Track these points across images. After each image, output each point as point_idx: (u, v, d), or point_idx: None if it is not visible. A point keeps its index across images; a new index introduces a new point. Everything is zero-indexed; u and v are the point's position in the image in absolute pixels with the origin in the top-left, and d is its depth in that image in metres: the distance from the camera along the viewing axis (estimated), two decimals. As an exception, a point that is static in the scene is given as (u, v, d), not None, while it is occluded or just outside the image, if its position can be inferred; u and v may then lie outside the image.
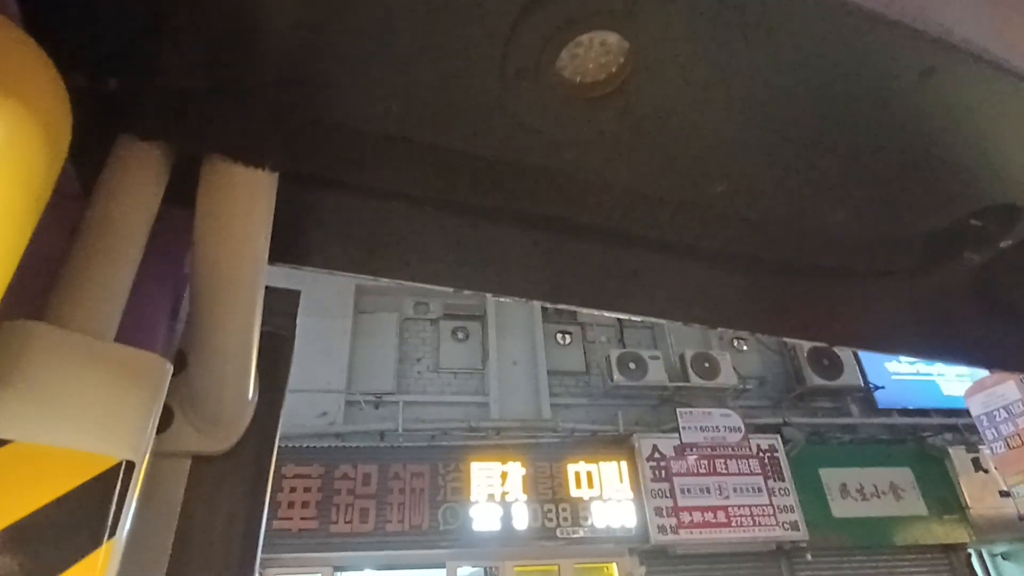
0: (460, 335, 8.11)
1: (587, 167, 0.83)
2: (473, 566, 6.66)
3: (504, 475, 6.69)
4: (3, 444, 0.49)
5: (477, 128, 0.77)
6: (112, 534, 0.53)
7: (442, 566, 6.45)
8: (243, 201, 0.73)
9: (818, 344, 7.70)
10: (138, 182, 0.69)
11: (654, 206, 0.89)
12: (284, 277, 1.17)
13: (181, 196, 0.83)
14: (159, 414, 0.66)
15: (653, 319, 1.21)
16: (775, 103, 0.76)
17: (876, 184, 0.90)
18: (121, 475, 0.55)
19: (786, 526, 6.85)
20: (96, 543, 0.52)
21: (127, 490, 0.56)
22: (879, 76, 0.72)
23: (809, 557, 7.00)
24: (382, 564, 6.68)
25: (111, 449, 0.56)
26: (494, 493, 6.58)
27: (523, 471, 6.74)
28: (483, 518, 6.42)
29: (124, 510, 0.55)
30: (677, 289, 1.12)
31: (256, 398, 0.93)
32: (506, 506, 6.51)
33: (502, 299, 1.15)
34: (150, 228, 0.71)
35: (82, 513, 0.52)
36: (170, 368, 0.67)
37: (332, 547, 6.15)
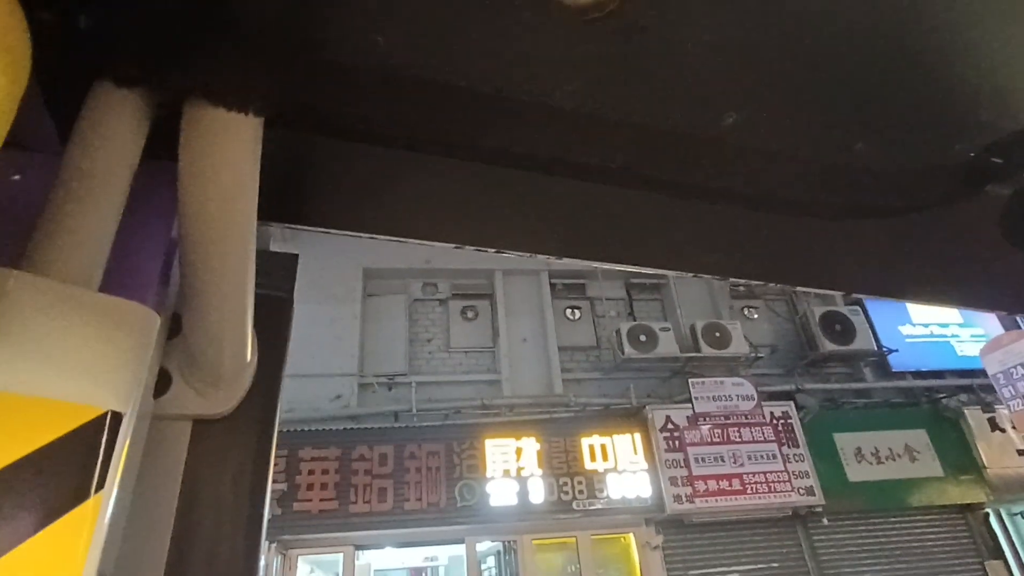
0: (469, 314, 8.10)
1: (590, 100, 0.78)
2: (492, 540, 6.74)
3: (519, 451, 6.74)
4: (-23, 394, 0.47)
5: (470, 59, 0.73)
6: (100, 487, 0.51)
7: (461, 542, 6.54)
8: (226, 148, 0.69)
9: (837, 293, 7.61)
10: (114, 130, 0.66)
11: (662, 142, 0.84)
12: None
13: (167, 152, 0.80)
14: (149, 366, 0.64)
15: (661, 271, 1.17)
16: (786, 19, 0.71)
17: (896, 108, 0.85)
18: (107, 426, 0.53)
19: (801, 491, 6.87)
20: (82, 496, 0.50)
21: (115, 442, 0.53)
22: None
23: (825, 521, 7.02)
24: (402, 541, 6.79)
25: (95, 399, 0.53)
26: (509, 469, 6.63)
27: (537, 446, 6.78)
28: (500, 493, 6.48)
29: (113, 463, 0.53)
30: (687, 236, 1.07)
31: (255, 360, 0.92)
32: (522, 481, 6.56)
33: (508, 255, 1.12)
34: (130, 179, 0.68)
35: (65, 465, 0.50)
36: (158, 319, 0.65)
37: (352, 527, 6.24)
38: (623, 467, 6.79)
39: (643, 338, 7.51)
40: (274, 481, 6.40)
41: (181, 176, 0.70)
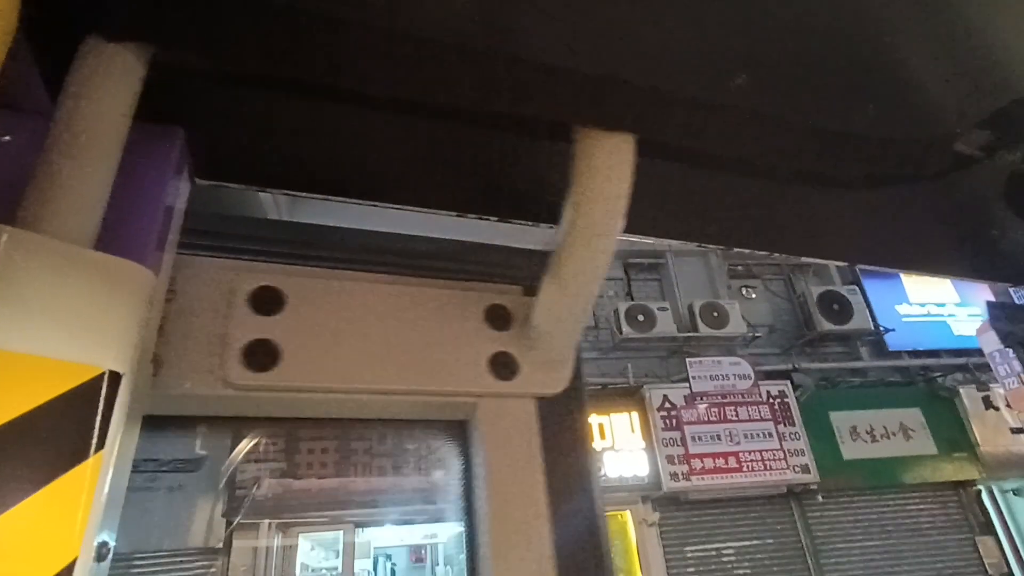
0: (467, 295, 8.10)
1: (592, 59, 0.76)
2: (490, 518, 6.82)
3: (517, 430, 6.78)
4: (-28, 351, 0.45)
5: (472, 18, 0.70)
6: (100, 447, 0.50)
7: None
8: (615, 170, 0.81)
9: (835, 264, 7.57)
10: (106, 84, 0.63)
11: (670, 105, 0.82)
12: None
13: (164, 114, 0.78)
14: (145, 324, 0.63)
15: (663, 240, 1.15)
16: None
17: (904, 73, 0.83)
18: (106, 386, 0.52)
19: (796, 469, 6.95)
20: (81, 456, 0.49)
21: (114, 402, 0.52)
22: None
23: (820, 498, 7.13)
24: (401, 519, 6.85)
25: (93, 358, 0.52)
26: (507, 447, 6.67)
27: (535, 425, 6.82)
28: (498, 472, 6.53)
29: (113, 423, 0.52)
30: (692, 204, 1.06)
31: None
32: (520, 460, 6.61)
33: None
34: (124, 135, 0.66)
35: (64, 425, 0.49)
36: (153, 278, 0.63)
37: (352, 505, 6.29)
38: (620, 446, 6.86)
39: (641, 318, 7.53)
40: (273, 460, 6.41)
41: (573, 195, 0.82)
